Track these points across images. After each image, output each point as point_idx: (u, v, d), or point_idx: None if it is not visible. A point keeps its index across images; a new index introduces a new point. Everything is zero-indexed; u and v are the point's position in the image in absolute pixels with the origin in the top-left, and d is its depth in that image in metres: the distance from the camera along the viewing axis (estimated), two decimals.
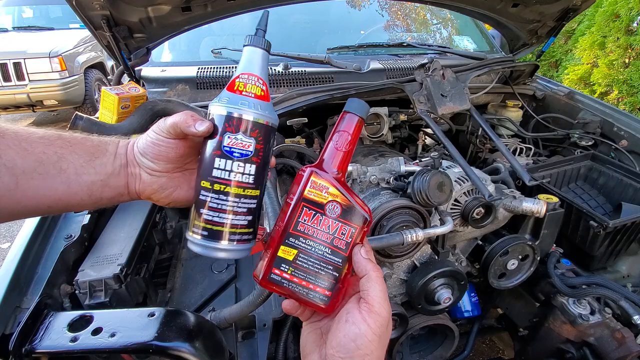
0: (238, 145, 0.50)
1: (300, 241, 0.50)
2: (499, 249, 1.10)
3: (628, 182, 1.34)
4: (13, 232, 3.31)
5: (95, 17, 1.17)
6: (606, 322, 1.11)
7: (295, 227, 0.49)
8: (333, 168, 0.51)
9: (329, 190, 0.50)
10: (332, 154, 0.52)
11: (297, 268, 0.50)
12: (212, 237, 0.51)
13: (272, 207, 1.04)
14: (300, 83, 1.60)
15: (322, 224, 0.49)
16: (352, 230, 0.50)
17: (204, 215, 0.51)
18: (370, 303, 0.47)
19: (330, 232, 0.50)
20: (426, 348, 1.33)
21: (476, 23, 2.24)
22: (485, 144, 1.69)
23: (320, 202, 0.50)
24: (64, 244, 0.98)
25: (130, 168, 0.54)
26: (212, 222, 0.51)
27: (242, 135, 0.50)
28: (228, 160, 0.50)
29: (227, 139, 0.50)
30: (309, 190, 0.50)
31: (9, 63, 4.63)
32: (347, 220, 0.50)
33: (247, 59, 0.53)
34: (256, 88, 0.52)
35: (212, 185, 0.51)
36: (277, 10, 1.50)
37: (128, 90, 1.38)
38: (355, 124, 0.52)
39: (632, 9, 3.66)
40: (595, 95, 3.94)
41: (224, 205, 0.51)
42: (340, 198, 0.50)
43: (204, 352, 0.67)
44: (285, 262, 0.50)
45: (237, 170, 0.51)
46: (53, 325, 0.70)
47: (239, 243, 0.53)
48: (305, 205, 0.49)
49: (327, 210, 0.50)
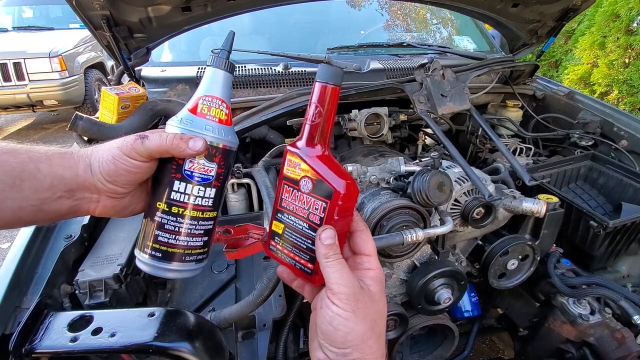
0: (200, 170, 0.50)
1: (285, 216, 0.53)
2: (499, 249, 1.10)
3: (628, 182, 1.34)
4: (13, 232, 3.31)
5: (95, 17, 1.17)
6: (606, 322, 1.11)
7: (280, 203, 0.53)
8: (312, 143, 0.51)
9: (301, 166, 0.50)
10: (307, 128, 0.51)
11: (285, 241, 0.53)
12: (164, 258, 0.51)
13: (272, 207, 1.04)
14: (300, 83, 1.60)
15: (298, 199, 0.51)
16: (324, 204, 0.49)
17: (159, 237, 0.50)
18: (329, 287, 0.47)
19: (306, 207, 0.51)
20: (426, 348, 1.33)
21: (476, 23, 2.24)
22: (485, 144, 1.69)
23: (295, 179, 0.51)
24: (64, 244, 0.98)
25: (82, 193, 0.49)
26: (168, 244, 0.50)
27: (205, 160, 0.50)
28: (188, 184, 0.50)
29: (189, 163, 0.50)
30: (286, 168, 0.52)
31: (9, 63, 4.63)
32: (318, 195, 0.50)
33: (210, 80, 0.52)
34: (220, 112, 0.51)
35: (170, 207, 0.50)
36: (277, 10, 1.51)
37: (128, 90, 1.38)
38: (322, 92, 0.50)
39: (632, 9, 3.66)
40: (595, 95, 3.94)
41: (180, 228, 0.50)
42: (311, 173, 0.50)
43: (204, 352, 0.67)
44: (277, 235, 0.54)
45: (198, 194, 0.50)
46: (53, 325, 0.69)
47: (193, 263, 0.53)
48: (285, 182, 0.52)
49: (301, 186, 0.51)
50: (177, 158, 0.49)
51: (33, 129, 5.79)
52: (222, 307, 0.98)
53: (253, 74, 1.58)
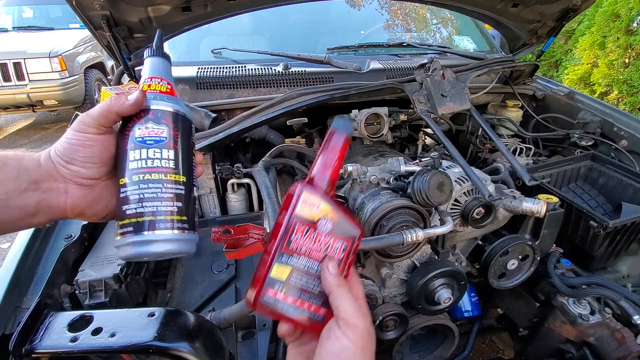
0: (150, 134, 0.49)
1: (294, 259, 0.49)
2: (499, 249, 1.10)
3: (628, 182, 1.34)
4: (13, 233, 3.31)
5: (95, 17, 1.17)
6: (606, 322, 1.11)
7: (288, 245, 0.49)
8: (323, 184, 0.52)
9: (320, 206, 0.50)
10: (322, 170, 0.52)
11: (291, 287, 0.49)
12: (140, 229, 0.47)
13: (272, 207, 1.04)
14: (300, 83, 1.60)
15: (314, 240, 0.49)
16: (345, 244, 0.50)
17: (128, 211, 0.48)
18: (344, 318, 0.46)
19: (323, 247, 0.50)
20: (426, 348, 1.33)
21: (476, 23, 2.24)
22: (485, 144, 1.69)
23: (312, 219, 0.49)
24: (64, 244, 0.98)
25: (48, 183, 0.47)
26: (136, 214, 0.47)
27: (153, 123, 0.50)
28: (142, 149, 0.49)
29: (138, 130, 0.49)
30: (300, 207, 0.49)
31: (9, 63, 4.63)
32: (339, 235, 0.50)
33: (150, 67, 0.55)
34: (160, 86, 0.53)
35: (130, 178, 0.48)
36: (277, 10, 1.50)
37: (128, 90, 1.38)
38: (343, 142, 0.52)
39: (632, 9, 3.66)
40: (595, 95, 3.94)
41: (146, 193, 0.48)
42: (332, 214, 0.50)
43: (204, 352, 0.67)
44: (279, 282, 0.48)
45: (154, 156, 0.49)
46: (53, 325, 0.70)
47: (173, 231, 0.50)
48: (297, 222, 0.49)
49: (319, 226, 0.50)
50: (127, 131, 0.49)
51: (33, 129, 5.79)
52: (222, 307, 0.98)
53: (253, 74, 1.58)
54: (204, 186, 1.46)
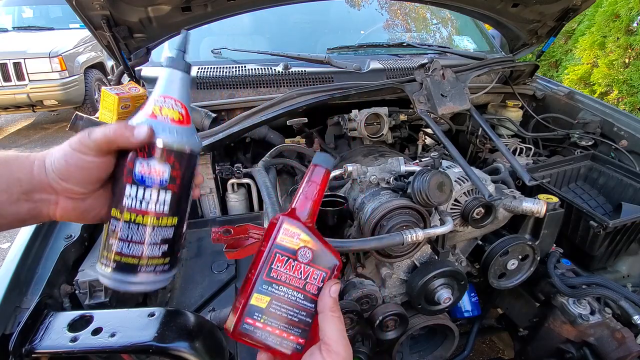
0: (151, 173, 0.47)
1: (274, 287, 0.50)
2: (499, 249, 1.10)
3: (628, 182, 1.34)
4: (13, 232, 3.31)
5: (95, 17, 1.17)
6: (606, 322, 1.11)
7: (268, 273, 0.50)
8: (304, 215, 0.54)
9: (301, 236, 0.52)
10: (303, 202, 0.54)
11: (271, 316, 0.49)
12: (122, 270, 0.48)
13: (272, 207, 1.04)
14: (300, 83, 1.60)
15: (294, 269, 0.51)
16: (324, 274, 0.52)
17: (114, 247, 0.47)
18: (327, 343, 0.46)
19: (303, 277, 0.51)
20: (426, 348, 1.33)
21: (476, 23, 2.24)
22: (485, 144, 1.69)
23: (292, 248, 0.51)
24: (64, 244, 0.98)
25: (39, 194, 0.47)
26: (122, 253, 0.47)
27: (156, 162, 0.47)
28: (140, 187, 0.47)
29: (139, 166, 0.47)
30: (281, 237, 0.51)
31: (9, 63, 4.64)
32: (318, 265, 0.52)
33: (166, 81, 0.50)
34: (173, 112, 0.48)
35: (122, 213, 0.47)
36: (277, 10, 1.51)
37: (128, 90, 1.39)
38: (323, 175, 0.55)
39: (632, 9, 3.66)
40: (595, 95, 3.94)
41: (134, 236, 0.47)
42: (311, 244, 0.52)
43: (204, 352, 0.67)
44: (258, 311, 0.49)
45: (150, 198, 0.47)
46: (53, 325, 0.70)
47: (154, 274, 0.49)
48: (277, 251, 0.51)
49: (299, 256, 0.51)
50: (129, 161, 0.47)
51: (33, 129, 5.79)
52: (222, 307, 0.98)
53: (253, 74, 1.58)
54: (204, 186, 1.46)
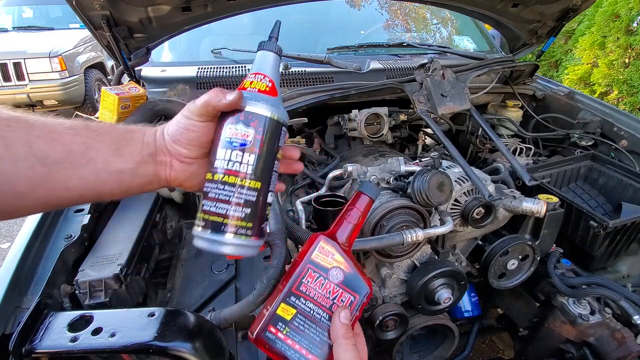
0: (237, 135, 0.50)
1: (301, 301, 0.51)
2: (499, 249, 1.10)
3: (628, 182, 1.34)
4: (13, 232, 3.31)
5: (95, 17, 1.17)
6: (606, 322, 1.11)
7: (298, 286, 0.51)
8: (342, 238, 0.55)
9: (335, 256, 0.53)
10: (344, 226, 0.56)
11: (293, 329, 0.50)
12: (209, 228, 0.51)
13: (272, 207, 1.04)
14: (300, 83, 1.60)
15: (324, 287, 0.51)
16: (352, 298, 0.52)
17: (204, 206, 0.51)
18: None
19: (331, 297, 0.51)
20: (426, 348, 1.33)
21: (476, 23, 2.24)
22: (485, 144, 1.69)
23: (325, 266, 0.52)
24: (64, 244, 0.98)
25: (160, 156, 0.53)
26: (210, 212, 0.51)
27: (242, 125, 0.51)
28: (227, 150, 0.50)
29: (227, 130, 0.51)
30: (316, 254, 0.53)
31: (9, 63, 4.63)
32: (348, 288, 0.52)
33: (258, 61, 0.56)
34: (260, 84, 0.53)
35: (213, 175, 0.51)
36: (277, 10, 1.50)
37: (128, 90, 1.39)
38: (366, 204, 0.57)
39: (632, 9, 3.66)
40: (595, 95, 3.94)
41: (220, 195, 0.50)
42: (344, 265, 0.53)
43: (204, 352, 0.67)
44: (283, 321, 0.50)
45: (235, 159, 0.50)
46: (53, 325, 0.70)
47: (240, 237, 0.51)
48: (310, 267, 0.52)
49: (331, 275, 0.52)
50: (220, 126, 0.52)
51: None
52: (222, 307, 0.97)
53: None
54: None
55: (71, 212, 1.10)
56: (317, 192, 1.20)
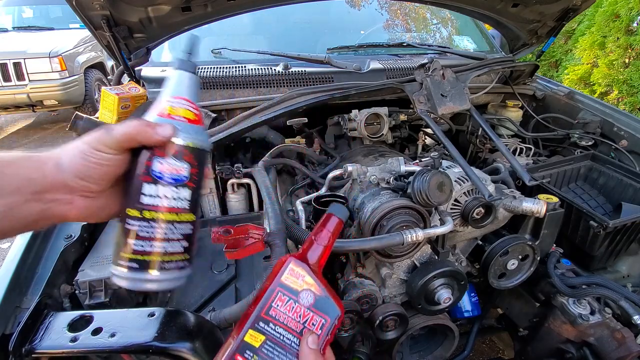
0: (170, 171, 0.48)
1: (270, 327, 0.48)
2: (499, 249, 1.10)
3: (628, 182, 1.34)
4: None
5: (95, 17, 1.17)
6: (606, 322, 1.11)
7: (267, 311, 0.49)
8: (312, 260, 0.54)
9: (305, 278, 0.51)
10: (314, 248, 0.55)
11: (262, 357, 0.47)
12: (143, 268, 0.48)
13: (272, 207, 1.04)
14: (300, 83, 1.60)
15: (293, 311, 0.50)
16: (323, 321, 0.50)
17: (133, 246, 0.47)
18: None
19: (302, 320, 0.50)
20: (426, 348, 1.33)
21: (476, 23, 2.24)
22: (485, 144, 1.69)
23: (295, 289, 0.50)
24: (64, 244, 0.98)
25: (53, 194, 0.46)
26: (143, 252, 0.47)
27: (174, 159, 0.48)
28: (159, 185, 0.47)
29: (158, 164, 0.47)
30: (286, 277, 0.51)
31: (9, 63, 4.63)
32: (319, 311, 0.50)
33: (177, 83, 0.53)
34: (188, 112, 0.50)
35: (141, 212, 0.47)
36: (277, 10, 1.51)
37: (128, 90, 1.39)
38: (336, 225, 0.56)
39: (632, 9, 3.66)
40: (595, 95, 3.94)
41: (155, 233, 0.47)
42: (315, 288, 0.51)
43: (204, 352, 0.67)
44: (250, 349, 0.47)
45: (170, 196, 0.48)
46: (53, 325, 0.70)
47: (174, 271, 0.50)
48: (280, 290, 0.50)
49: (301, 298, 0.50)
50: (145, 160, 0.47)
51: (33, 129, 5.79)
52: (222, 307, 0.97)
53: (253, 74, 1.58)
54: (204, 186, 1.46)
55: None
56: (317, 192, 1.20)
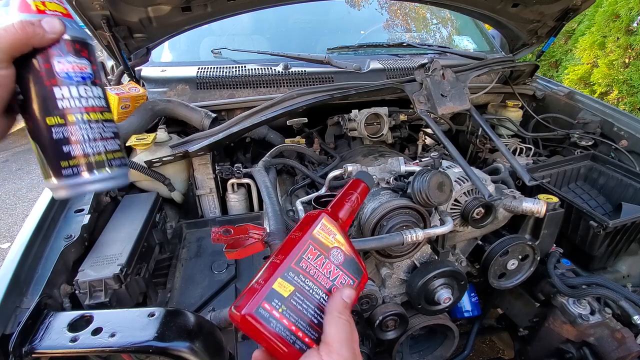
0: (74, 69, 0.44)
1: (300, 278, 0.46)
2: (499, 249, 1.10)
3: (628, 182, 1.34)
4: (13, 232, 3.31)
5: (95, 17, 1.17)
6: (606, 322, 1.11)
7: (298, 262, 0.47)
8: (342, 217, 0.54)
9: (336, 236, 0.51)
10: (342, 206, 0.56)
11: (290, 308, 0.45)
12: (90, 169, 0.45)
13: (272, 207, 1.04)
14: (300, 83, 1.60)
15: (324, 266, 0.49)
16: (351, 282, 0.50)
17: (72, 152, 0.44)
18: (328, 343, 0.42)
19: (331, 277, 0.49)
20: (426, 348, 1.33)
21: (476, 23, 2.24)
22: (485, 144, 1.69)
23: (327, 245, 0.50)
24: (64, 244, 0.98)
25: None
26: (86, 154, 0.45)
27: (73, 57, 0.44)
28: (71, 86, 0.44)
29: (59, 65, 0.43)
30: (318, 231, 0.50)
31: None
32: (347, 271, 0.50)
33: None
34: (58, 6, 0.45)
35: (65, 117, 0.44)
36: (277, 10, 1.51)
37: (128, 90, 1.39)
38: (362, 189, 0.58)
39: (632, 9, 3.66)
40: (595, 95, 3.94)
41: (91, 133, 0.45)
42: (345, 247, 0.51)
43: (204, 352, 0.67)
44: (279, 298, 0.44)
45: (86, 94, 0.45)
46: (53, 325, 0.70)
47: (121, 168, 0.48)
48: (312, 243, 0.49)
49: (331, 255, 0.50)
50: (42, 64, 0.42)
51: None
52: (222, 307, 0.98)
53: (253, 74, 1.58)
54: (204, 186, 1.46)
55: (71, 212, 1.10)
56: (317, 192, 1.20)
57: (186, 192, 1.51)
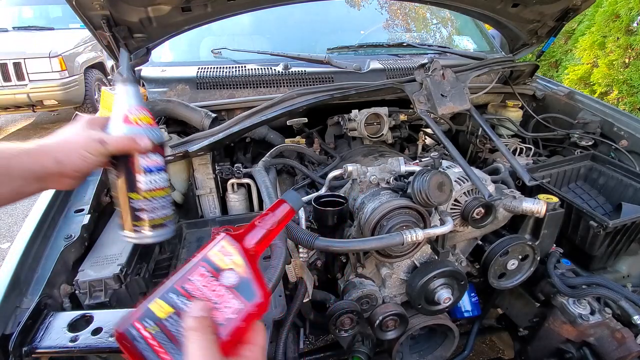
0: (153, 164, 0.66)
1: (180, 300, 0.44)
2: (499, 249, 1.10)
3: (628, 182, 1.34)
4: (13, 232, 3.31)
5: (95, 17, 1.16)
6: (606, 322, 1.11)
7: (182, 283, 0.45)
8: (250, 242, 0.50)
9: (234, 258, 0.47)
10: (255, 231, 0.51)
11: (162, 330, 0.43)
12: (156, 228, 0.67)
13: None
14: (300, 83, 1.60)
15: (211, 289, 0.45)
16: (240, 307, 0.45)
17: (145, 216, 0.66)
18: None
19: (217, 300, 0.45)
20: (426, 348, 1.33)
21: (476, 23, 2.24)
22: (485, 144, 1.69)
23: (219, 267, 0.46)
24: (64, 244, 0.98)
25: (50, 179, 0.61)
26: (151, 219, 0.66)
27: (153, 155, 0.66)
28: (149, 175, 0.66)
29: (143, 161, 0.65)
30: (214, 252, 0.47)
31: (9, 63, 4.62)
32: (239, 295, 0.46)
33: (130, 95, 0.67)
34: (148, 118, 0.66)
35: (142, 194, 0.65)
36: (277, 10, 1.50)
37: None
38: (286, 214, 0.54)
39: (632, 9, 3.66)
40: (595, 95, 3.94)
41: (157, 205, 0.67)
42: (242, 269, 0.47)
43: None
44: (153, 318, 0.43)
45: (159, 180, 0.67)
46: (53, 325, 0.70)
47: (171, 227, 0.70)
48: (203, 264, 0.46)
49: (222, 277, 0.46)
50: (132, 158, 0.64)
51: (33, 129, 5.78)
52: None
53: (253, 74, 1.58)
54: (204, 186, 1.46)
55: (71, 212, 1.10)
56: (317, 192, 1.20)
57: (186, 192, 1.51)
